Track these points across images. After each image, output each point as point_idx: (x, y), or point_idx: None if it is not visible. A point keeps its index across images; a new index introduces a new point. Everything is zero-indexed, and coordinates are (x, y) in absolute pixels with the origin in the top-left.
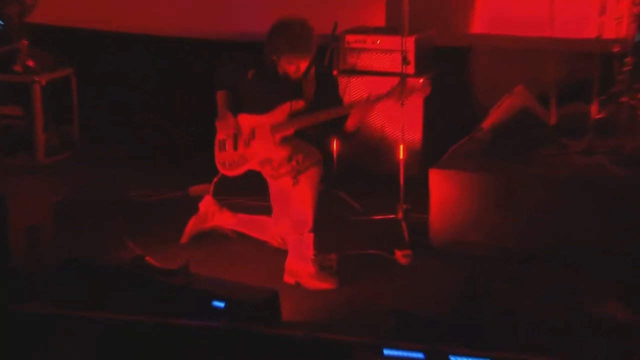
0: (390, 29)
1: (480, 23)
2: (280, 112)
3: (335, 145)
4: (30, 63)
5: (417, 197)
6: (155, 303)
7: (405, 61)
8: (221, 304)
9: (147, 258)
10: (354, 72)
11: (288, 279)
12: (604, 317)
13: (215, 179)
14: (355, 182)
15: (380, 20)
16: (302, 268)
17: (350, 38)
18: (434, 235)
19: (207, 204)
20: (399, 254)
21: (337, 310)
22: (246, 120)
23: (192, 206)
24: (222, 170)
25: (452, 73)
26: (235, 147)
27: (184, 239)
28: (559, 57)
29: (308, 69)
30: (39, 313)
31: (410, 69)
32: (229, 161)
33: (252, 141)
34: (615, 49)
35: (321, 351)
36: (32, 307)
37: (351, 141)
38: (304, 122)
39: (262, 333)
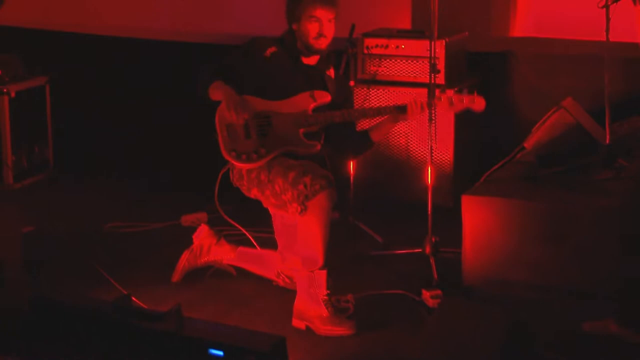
0: (417, 32)
1: (522, 25)
2: (303, 101)
3: (352, 166)
4: None
5: (448, 228)
6: (142, 353)
7: (434, 69)
8: (220, 353)
9: (132, 298)
10: (373, 82)
11: (297, 322)
12: None
13: (222, 171)
14: (376, 211)
15: (405, 22)
16: (313, 310)
17: (369, 42)
18: (468, 273)
19: (202, 235)
20: (426, 294)
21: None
22: (259, 104)
23: (184, 238)
24: (234, 162)
25: (489, 83)
26: (248, 136)
27: (176, 276)
28: (615, 64)
29: (328, 59)
30: None
31: (440, 79)
32: (241, 150)
33: (270, 130)
34: None
35: None
36: None
37: (367, 158)
38: (335, 116)
39: None
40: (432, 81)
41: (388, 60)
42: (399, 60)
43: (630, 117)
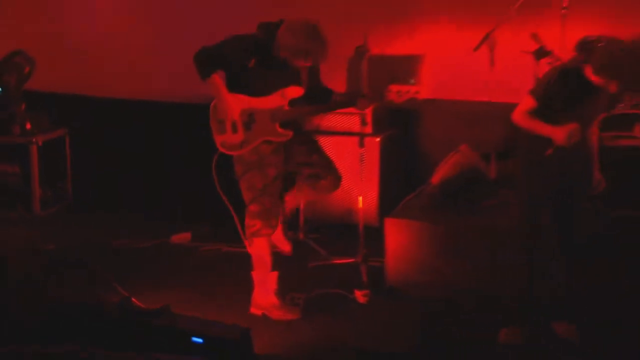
0: (350, 93)
1: (427, 89)
2: (279, 97)
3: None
4: (28, 125)
5: (374, 243)
6: (140, 342)
7: (363, 122)
8: (200, 340)
9: (133, 300)
10: (318, 132)
11: (254, 310)
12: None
13: (216, 157)
14: (320, 231)
15: (341, 85)
16: (267, 301)
17: None
18: (390, 277)
19: None
20: (358, 293)
21: (303, 345)
22: (243, 102)
23: (173, 252)
24: (224, 150)
25: (406, 133)
26: (235, 130)
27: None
28: (497, 119)
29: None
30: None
31: (369, 129)
32: (231, 143)
33: (252, 125)
34: None
35: None
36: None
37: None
38: (305, 111)
39: None
40: (362, 131)
41: (329, 115)
42: (337, 116)
43: (510, 159)
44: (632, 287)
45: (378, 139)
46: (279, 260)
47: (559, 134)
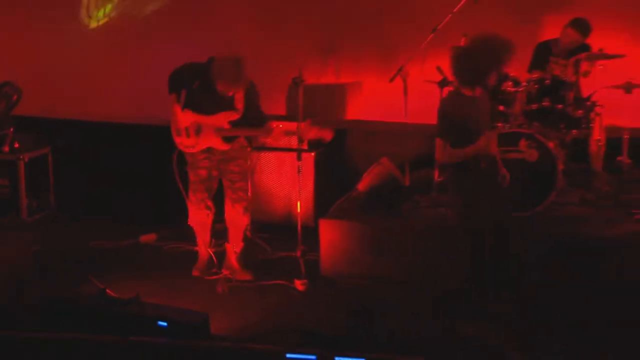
0: (290, 116)
1: (353, 111)
2: (220, 119)
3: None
4: (16, 145)
5: (311, 240)
6: (115, 327)
7: (300, 140)
8: (165, 324)
9: (107, 291)
10: (263, 148)
11: (225, 271)
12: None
13: (175, 155)
14: (266, 230)
15: (282, 110)
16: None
17: None
18: (324, 269)
19: None
20: (298, 282)
21: (253, 327)
22: (193, 117)
23: (142, 250)
24: (182, 149)
25: (336, 147)
26: (189, 136)
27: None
28: (411, 137)
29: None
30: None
31: (305, 146)
32: (187, 144)
33: (200, 133)
34: None
35: (242, 358)
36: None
37: (258, 200)
38: (237, 132)
39: (196, 345)
40: (300, 147)
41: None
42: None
43: (421, 170)
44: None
45: (313, 154)
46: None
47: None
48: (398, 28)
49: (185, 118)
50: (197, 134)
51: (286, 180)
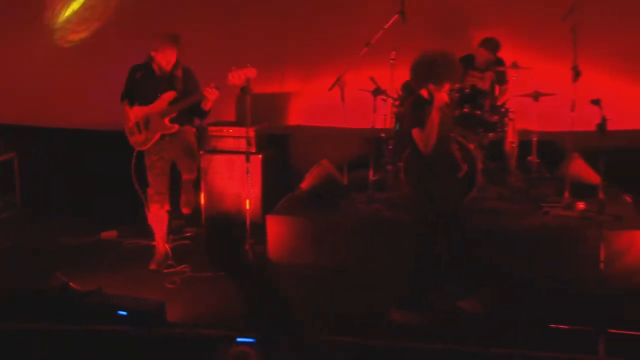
0: (239, 122)
1: (296, 117)
2: (162, 101)
3: (203, 199)
4: None
5: (260, 234)
6: (77, 316)
7: (249, 143)
8: (124, 313)
9: (70, 284)
10: (215, 151)
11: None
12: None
13: (134, 156)
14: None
15: (232, 116)
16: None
17: (212, 128)
18: (271, 258)
19: None
20: (248, 272)
21: (205, 314)
22: (141, 111)
23: (103, 245)
24: (137, 148)
25: (280, 151)
26: (140, 131)
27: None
28: (349, 140)
29: (175, 66)
30: None
31: (253, 149)
32: (140, 141)
33: (149, 125)
34: (383, 135)
35: (195, 343)
36: None
37: (213, 197)
38: (179, 106)
39: (153, 331)
40: (248, 150)
41: (223, 138)
42: (229, 139)
43: (358, 170)
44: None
45: (260, 156)
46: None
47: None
48: (336, 42)
49: (134, 114)
50: (146, 127)
51: (236, 180)
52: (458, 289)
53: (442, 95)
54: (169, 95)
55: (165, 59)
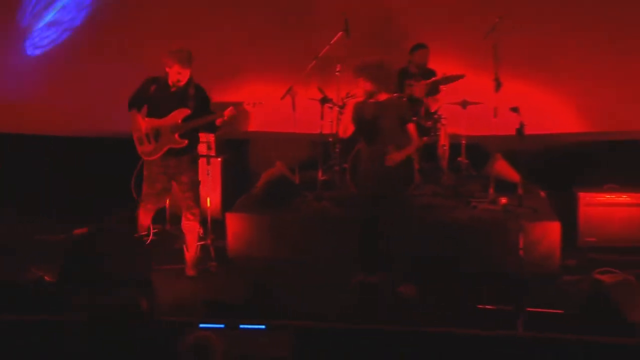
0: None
1: (252, 124)
2: (174, 117)
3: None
4: None
5: (220, 230)
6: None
7: (209, 147)
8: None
9: (46, 277)
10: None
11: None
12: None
13: (138, 167)
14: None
15: None
16: None
17: None
18: (230, 253)
19: None
20: (210, 264)
21: (171, 303)
22: (152, 123)
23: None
24: (144, 158)
25: (240, 156)
26: (149, 142)
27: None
28: (300, 144)
29: (188, 84)
30: None
31: (213, 152)
32: (147, 151)
33: (159, 137)
34: (331, 139)
35: (161, 329)
36: None
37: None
38: (193, 124)
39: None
40: (208, 153)
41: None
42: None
43: (309, 170)
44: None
45: (220, 159)
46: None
47: None
48: (288, 56)
49: (145, 125)
50: (156, 139)
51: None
52: (396, 275)
53: (358, 90)
54: (183, 112)
55: (177, 76)
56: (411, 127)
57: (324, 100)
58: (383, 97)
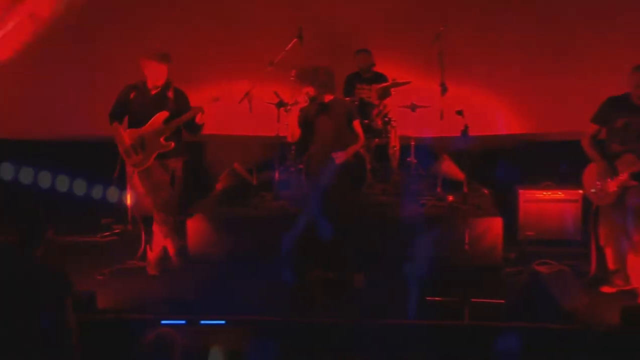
0: None
1: (210, 127)
2: (155, 121)
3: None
4: None
5: (182, 231)
6: None
7: None
8: None
9: None
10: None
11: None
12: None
13: (135, 174)
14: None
15: None
16: None
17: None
18: (191, 252)
19: None
20: (172, 264)
21: (133, 301)
22: (135, 133)
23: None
24: (136, 169)
25: (196, 156)
26: (137, 153)
27: None
28: (257, 146)
29: (167, 87)
30: None
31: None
32: (137, 161)
33: (145, 145)
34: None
35: (124, 327)
36: None
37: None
38: (174, 124)
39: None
40: None
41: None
42: None
43: (266, 171)
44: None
45: (180, 162)
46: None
47: None
48: (245, 61)
49: (129, 136)
50: (143, 148)
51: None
52: (350, 269)
53: (301, 96)
54: (162, 115)
55: (154, 76)
56: (356, 125)
57: (280, 104)
58: (327, 98)
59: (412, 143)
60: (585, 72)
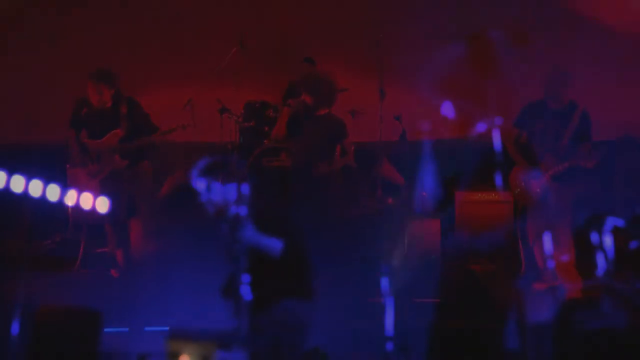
0: None
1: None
2: (110, 139)
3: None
4: None
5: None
6: None
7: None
8: None
9: None
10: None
11: None
12: None
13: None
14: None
15: None
16: None
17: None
18: (134, 258)
19: None
20: (113, 271)
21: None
22: (92, 145)
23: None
24: (92, 178)
25: (165, 165)
26: (92, 162)
27: None
28: (201, 151)
29: (118, 102)
30: None
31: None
32: (94, 171)
33: (101, 159)
34: (229, 146)
35: None
36: None
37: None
38: (130, 146)
39: None
40: None
41: None
42: None
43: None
44: None
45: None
46: None
47: None
48: (189, 69)
49: (87, 146)
50: (98, 161)
51: None
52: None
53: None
54: (117, 134)
55: (95, 96)
56: (337, 148)
57: (223, 111)
58: (321, 112)
59: (352, 147)
60: None
